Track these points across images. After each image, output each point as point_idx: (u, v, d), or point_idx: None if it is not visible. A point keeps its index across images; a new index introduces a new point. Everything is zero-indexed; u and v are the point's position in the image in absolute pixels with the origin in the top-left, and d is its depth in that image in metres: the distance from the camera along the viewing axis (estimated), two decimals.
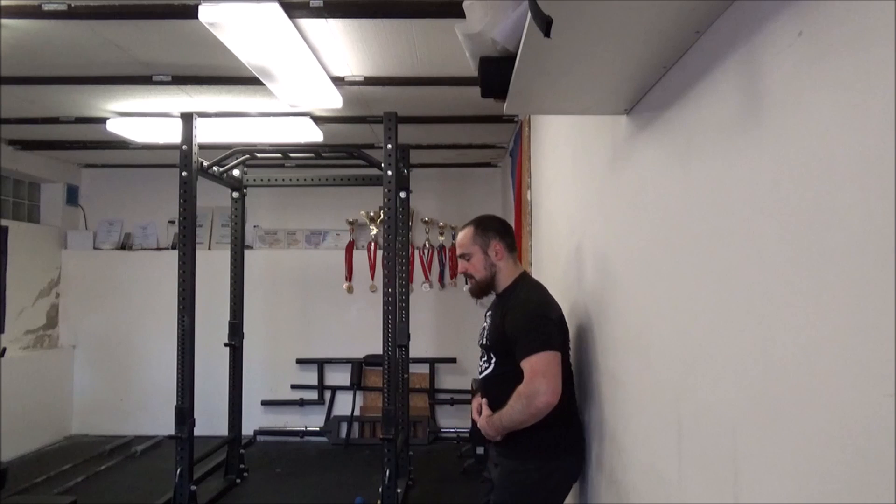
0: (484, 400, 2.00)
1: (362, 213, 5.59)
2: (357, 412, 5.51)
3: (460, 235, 2.12)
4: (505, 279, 2.05)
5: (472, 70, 1.54)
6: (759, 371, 0.84)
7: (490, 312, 2.10)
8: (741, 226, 0.90)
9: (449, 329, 5.62)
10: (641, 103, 1.42)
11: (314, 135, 4.25)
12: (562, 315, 2.00)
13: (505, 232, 2.08)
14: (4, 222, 4.99)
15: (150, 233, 5.87)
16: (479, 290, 2.10)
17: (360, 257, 5.60)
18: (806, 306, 0.73)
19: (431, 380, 5.58)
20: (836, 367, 0.67)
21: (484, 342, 2.06)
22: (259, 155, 4.29)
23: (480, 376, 2.06)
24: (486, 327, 2.07)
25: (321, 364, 5.61)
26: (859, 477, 0.63)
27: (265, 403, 5.58)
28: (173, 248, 5.42)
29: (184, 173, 3.59)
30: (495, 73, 1.43)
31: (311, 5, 2.44)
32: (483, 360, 2.06)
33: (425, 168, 5.57)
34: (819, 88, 0.71)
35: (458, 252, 2.11)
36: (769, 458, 0.81)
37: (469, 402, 4.83)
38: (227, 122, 4.06)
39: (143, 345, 5.63)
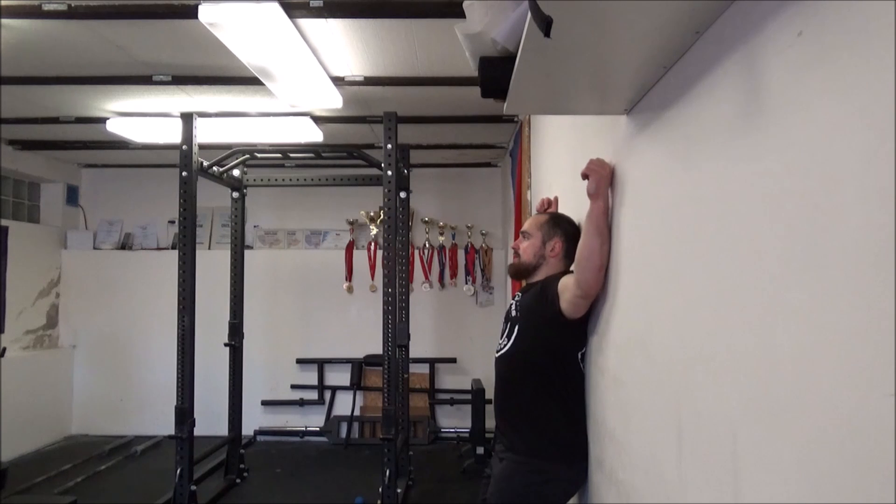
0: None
1: (362, 213, 5.59)
2: (357, 412, 5.51)
3: (534, 216, 2.17)
4: (543, 273, 2.07)
5: (472, 70, 1.54)
6: (759, 371, 0.84)
7: (518, 295, 2.13)
8: (741, 226, 0.90)
9: (449, 329, 5.61)
10: (641, 103, 1.42)
11: (314, 135, 4.25)
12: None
13: (572, 237, 2.05)
14: (4, 222, 4.99)
15: (150, 233, 5.87)
16: (516, 271, 2.15)
17: (360, 257, 5.60)
18: (806, 306, 0.73)
19: (431, 380, 5.58)
20: (836, 366, 0.67)
21: (514, 314, 2.07)
22: (259, 155, 4.29)
23: (497, 354, 2.08)
24: (516, 302, 2.09)
25: (321, 364, 5.61)
26: (859, 477, 0.63)
27: (265, 403, 5.58)
28: (173, 248, 5.42)
29: (184, 173, 3.60)
30: (495, 73, 1.43)
31: (311, 5, 2.45)
32: (503, 336, 2.07)
33: (425, 168, 5.57)
34: (819, 88, 0.71)
35: (522, 228, 2.16)
36: (769, 457, 0.81)
37: (469, 402, 4.86)
38: (227, 122, 4.06)
39: (143, 345, 5.63)
